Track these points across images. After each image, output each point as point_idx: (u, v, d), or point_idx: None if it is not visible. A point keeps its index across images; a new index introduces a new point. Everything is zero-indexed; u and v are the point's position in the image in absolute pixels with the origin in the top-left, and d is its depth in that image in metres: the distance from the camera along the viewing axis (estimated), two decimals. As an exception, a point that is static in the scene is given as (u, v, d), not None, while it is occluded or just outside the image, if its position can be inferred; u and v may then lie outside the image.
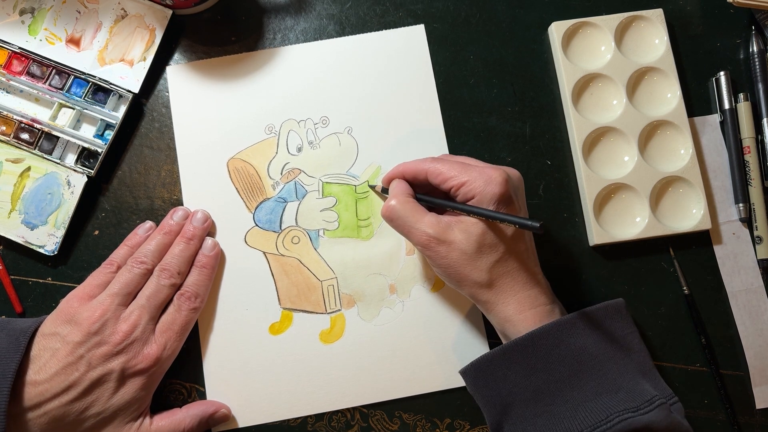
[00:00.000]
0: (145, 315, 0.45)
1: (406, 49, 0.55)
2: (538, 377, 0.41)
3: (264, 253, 0.51)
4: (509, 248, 0.43)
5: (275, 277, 0.51)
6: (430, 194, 0.47)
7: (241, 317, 0.50)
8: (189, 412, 0.46)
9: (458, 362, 0.50)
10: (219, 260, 0.50)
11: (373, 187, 0.52)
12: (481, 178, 0.42)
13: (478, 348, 0.50)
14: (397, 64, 0.54)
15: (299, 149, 0.52)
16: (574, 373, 0.41)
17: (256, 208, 0.52)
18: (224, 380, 0.49)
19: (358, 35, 0.55)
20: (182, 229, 0.49)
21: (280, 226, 0.52)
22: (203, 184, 0.52)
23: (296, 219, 0.52)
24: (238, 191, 0.52)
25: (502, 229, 0.43)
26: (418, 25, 0.55)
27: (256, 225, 0.51)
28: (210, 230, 0.51)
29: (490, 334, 0.51)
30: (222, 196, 0.52)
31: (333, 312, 0.50)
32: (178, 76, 0.53)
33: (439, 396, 0.50)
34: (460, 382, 0.49)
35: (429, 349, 0.50)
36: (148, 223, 0.50)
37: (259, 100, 0.53)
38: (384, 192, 0.50)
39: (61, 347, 0.43)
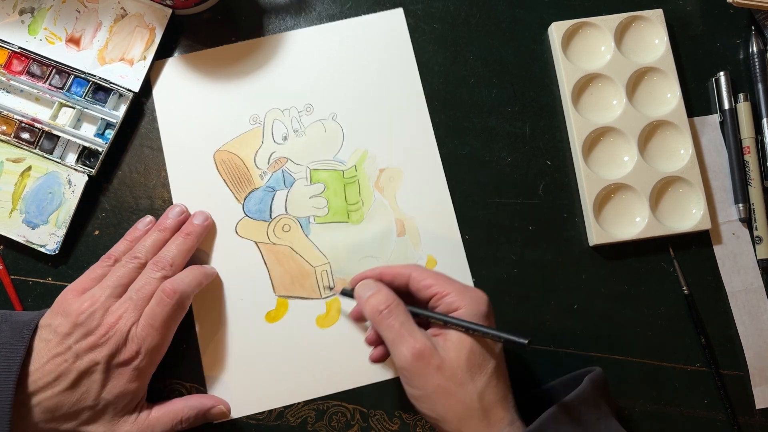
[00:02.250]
0: (132, 307, 0.45)
1: (386, 33, 0.55)
2: None
3: (256, 243, 0.51)
4: (496, 370, 0.40)
5: (268, 266, 0.51)
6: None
7: (237, 308, 0.50)
8: (188, 403, 0.47)
9: None
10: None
11: (331, 289, 0.51)
12: (465, 293, 0.41)
13: None
14: (378, 48, 0.54)
15: (285, 138, 0.53)
16: None
17: (245, 199, 0.52)
18: (224, 371, 0.49)
19: (338, 21, 0.55)
20: (181, 226, 0.50)
21: (270, 215, 0.52)
22: (191, 177, 0.52)
23: (286, 207, 0.52)
24: (226, 183, 0.52)
25: (488, 350, 0.41)
26: (396, 9, 0.55)
27: (246, 215, 0.52)
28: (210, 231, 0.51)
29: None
30: (210, 189, 0.52)
31: (327, 297, 0.51)
32: (160, 71, 0.53)
33: (439, 396, 0.50)
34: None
35: None
36: (148, 218, 0.50)
37: (242, 90, 0.53)
38: (344, 295, 0.47)
39: (52, 338, 0.43)
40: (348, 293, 0.47)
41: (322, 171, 0.53)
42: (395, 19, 0.55)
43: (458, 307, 0.41)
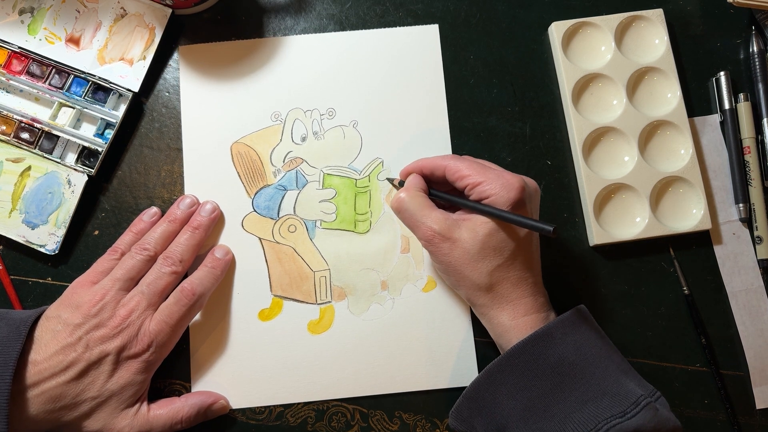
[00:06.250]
0: (144, 301, 0.45)
1: (418, 48, 0.55)
2: (523, 395, 0.41)
3: (260, 239, 0.51)
4: (513, 255, 0.43)
5: (269, 264, 0.51)
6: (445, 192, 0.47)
7: (232, 300, 0.51)
8: (188, 402, 0.47)
9: (443, 364, 0.50)
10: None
11: (391, 181, 0.52)
12: (498, 181, 0.42)
13: (465, 351, 0.50)
14: (408, 62, 0.55)
15: (303, 139, 0.53)
16: (557, 386, 0.41)
17: (255, 194, 0.52)
18: (209, 361, 0.50)
19: (372, 30, 0.55)
20: (190, 218, 0.50)
21: (278, 213, 0.52)
22: (205, 165, 0.52)
23: (294, 208, 0.52)
24: (240, 175, 0.52)
25: (509, 235, 0.42)
26: (432, 25, 0.55)
27: (255, 210, 0.52)
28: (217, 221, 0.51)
29: (477, 335, 0.50)
30: (223, 179, 0.52)
31: (323, 303, 0.51)
32: (189, 56, 0.54)
33: (439, 396, 0.50)
34: (443, 384, 0.50)
35: (415, 348, 0.50)
36: (153, 209, 0.50)
37: (267, 86, 0.54)
38: (401, 185, 0.50)
39: (61, 329, 0.43)
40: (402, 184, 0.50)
41: (336, 177, 0.53)
42: (429, 34, 0.55)
43: (489, 195, 0.42)
